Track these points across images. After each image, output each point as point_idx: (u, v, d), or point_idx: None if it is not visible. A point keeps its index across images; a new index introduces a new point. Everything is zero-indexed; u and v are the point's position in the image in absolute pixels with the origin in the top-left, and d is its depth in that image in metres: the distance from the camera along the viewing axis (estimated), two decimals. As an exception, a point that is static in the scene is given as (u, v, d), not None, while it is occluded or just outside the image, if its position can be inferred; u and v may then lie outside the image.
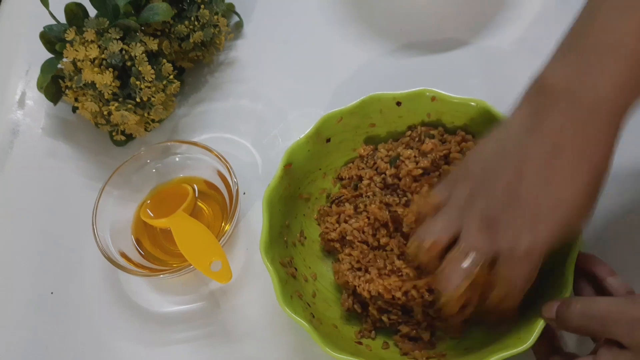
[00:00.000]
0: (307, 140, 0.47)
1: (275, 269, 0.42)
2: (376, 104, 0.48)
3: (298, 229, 0.49)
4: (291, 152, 0.47)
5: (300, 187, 0.49)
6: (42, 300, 0.52)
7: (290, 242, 0.47)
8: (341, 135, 0.49)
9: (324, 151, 0.49)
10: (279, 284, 0.42)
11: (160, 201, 0.54)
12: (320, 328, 0.41)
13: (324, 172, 0.51)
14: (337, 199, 0.50)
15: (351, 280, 0.44)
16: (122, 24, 0.53)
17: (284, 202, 0.47)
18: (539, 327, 0.37)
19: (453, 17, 0.61)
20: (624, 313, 0.33)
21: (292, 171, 0.47)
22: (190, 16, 0.57)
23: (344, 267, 0.45)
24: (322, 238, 0.49)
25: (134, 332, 0.50)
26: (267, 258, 0.43)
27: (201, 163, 0.54)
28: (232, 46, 0.64)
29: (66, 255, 0.54)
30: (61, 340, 0.50)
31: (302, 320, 0.40)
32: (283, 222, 0.47)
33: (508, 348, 0.37)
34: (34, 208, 0.57)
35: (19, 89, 0.65)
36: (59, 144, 0.60)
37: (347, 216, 0.48)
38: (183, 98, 0.61)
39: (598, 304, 0.35)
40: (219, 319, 0.49)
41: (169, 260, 0.51)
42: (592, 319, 0.34)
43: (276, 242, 0.45)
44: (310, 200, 0.50)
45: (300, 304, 0.43)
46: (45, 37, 0.55)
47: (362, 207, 0.47)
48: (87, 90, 0.53)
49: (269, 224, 0.44)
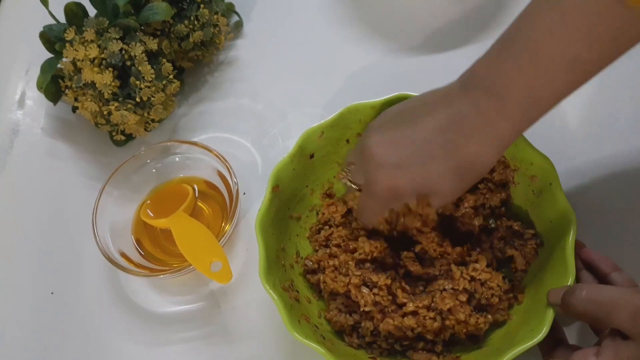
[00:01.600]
0: (291, 159, 0.47)
1: (279, 295, 0.42)
2: (354, 114, 0.48)
3: (293, 251, 0.48)
4: (277, 173, 0.46)
5: (289, 207, 0.49)
6: (42, 300, 0.52)
7: (288, 264, 0.47)
8: (324, 149, 0.49)
9: (309, 167, 0.49)
10: (285, 309, 0.41)
11: (160, 201, 0.54)
12: (333, 349, 0.41)
13: (311, 188, 0.50)
14: (326, 223, 0.50)
15: (348, 322, 0.44)
16: (122, 24, 0.53)
17: (276, 226, 0.46)
18: (549, 317, 0.38)
19: (453, 18, 0.61)
20: (629, 302, 0.34)
21: (280, 193, 0.46)
22: (190, 16, 0.57)
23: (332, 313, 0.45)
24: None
25: (134, 332, 0.50)
26: (268, 285, 0.42)
27: (201, 163, 0.54)
28: (232, 46, 0.64)
29: (66, 255, 0.54)
30: (61, 340, 0.50)
31: (314, 344, 0.39)
32: (278, 246, 0.46)
33: (523, 342, 0.38)
34: (33, 208, 0.57)
35: (19, 89, 0.64)
36: (58, 143, 0.60)
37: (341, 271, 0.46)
38: (183, 98, 0.61)
39: (604, 292, 0.36)
40: (219, 319, 0.49)
41: (169, 260, 0.51)
42: (598, 305, 0.35)
43: (274, 266, 0.44)
44: (301, 220, 0.50)
45: (309, 327, 0.42)
46: (45, 36, 0.55)
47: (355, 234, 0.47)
48: (86, 90, 0.53)
49: (265, 249, 0.43)
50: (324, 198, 0.51)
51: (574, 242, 0.40)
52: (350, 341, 0.44)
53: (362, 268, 0.45)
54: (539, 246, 0.45)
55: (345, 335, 0.45)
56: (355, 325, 0.45)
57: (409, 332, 0.43)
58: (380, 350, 0.44)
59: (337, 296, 0.46)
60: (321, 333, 0.43)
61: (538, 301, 0.41)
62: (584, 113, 0.54)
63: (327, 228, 0.49)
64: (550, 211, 0.43)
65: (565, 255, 0.40)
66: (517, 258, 0.45)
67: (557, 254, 0.41)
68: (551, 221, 0.44)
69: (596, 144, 0.52)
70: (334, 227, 0.49)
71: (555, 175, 0.43)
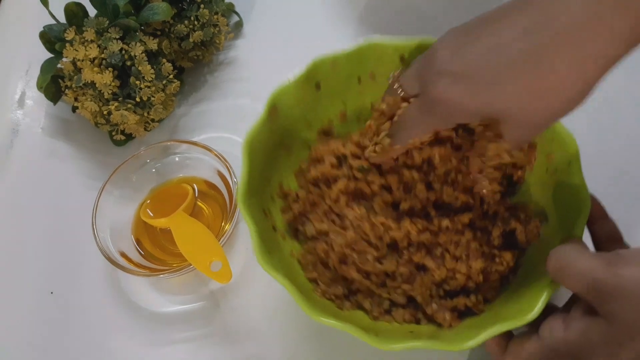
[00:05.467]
0: (295, 84, 0.42)
1: (254, 221, 0.38)
2: (373, 51, 0.43)
3: (277, 182, 0.44)
4: (277, 95, 0.42)
5: (283, 137, 0.44)
6: (42, 300, 0.52)
7: (268, 195, 0.43)
8: (332, 81, 0.44)
9: (312, 98, 0.44)
10: (257, 236, 0.37)
11: (160, 201, 0.54)
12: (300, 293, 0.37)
13: (309, 122, 0.45)
14: (318, 161, 0.44)
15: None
16: (122, 24, 0.53)
17: (264, 152, 0.42)
18: (542, 298, 0.34)
19: (453, 17, 0.61)
20: (587, 271, 0.30)
21: (276, 118, 0.42)
22: (190, 16, 0.57)
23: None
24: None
25: (134, 332, 0.50)
26: (245, 209, 0.38)
27: (201, 163, 0.54)
28: (232, 46, 0.64)
29: (66, 255, 0.54)
30: (61, 340, 0.50)
31: (280, 277, 0.36)
32: (263, 174, 0.42)
33: (507, 320, 0.34)
34: (33, 208, 0.57)
35: (19, 89, 0.64)
36: (58, 143, 0.60)
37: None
38: (183, 98, 0.61)
39: (567, 256, 0.32)
40: (219, 319, 0.49)
41: (169, 260, 0.51)
42: (564, 274, 0.32)
43: (256, 191, 0.40)
44: (293, 153, 0.45)
45: (280, 263, 0.39)
46: (45, 36, 0.55)
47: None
48: (86, 89, 0.53)
49: (249, 171, 0.39)
50: (321, 136, 0.46)
51: (583, 228, 0.36)
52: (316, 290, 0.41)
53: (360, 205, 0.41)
54: (542, 223, 0.41)
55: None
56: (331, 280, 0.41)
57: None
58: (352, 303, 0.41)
59: (316, 239, 0.41)
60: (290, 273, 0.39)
61: (531, 283, 0.37)
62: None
63: (317, 165, 0.45)
64: (563, 193, 0.39)
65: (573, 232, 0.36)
66: (520, 233, 0.41)
67: (562, 239, 0.37)
68: (562, 203, 0.39)
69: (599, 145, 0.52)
70: (330, 169, 0.43)
71: (577, 155, 0.39)
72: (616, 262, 0.29)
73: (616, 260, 0.29)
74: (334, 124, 0.47)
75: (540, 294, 0.35)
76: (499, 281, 0.42)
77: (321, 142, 0.46)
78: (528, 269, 0.41)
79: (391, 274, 0.41)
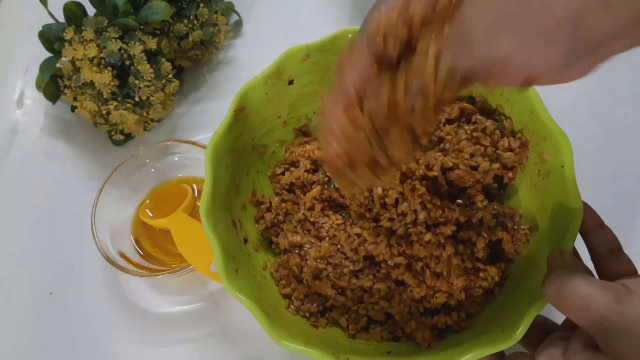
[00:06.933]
0: (265, 80, 0.39)
1: (218, 240, 0.35)
2: (349, 40, 0.39)
3: (249, 189, 0.42)
4: (244, 93, 0.39)
5: (254, 137, 0.41)
6: (41, 300, 0.52)
7: (240, 204, 0.40)
8: (307, 76, 0.41)
9: (285, 95, 0.41)
10: (222, 255, 0.35)
11: (159, 201, 0.54)
12: (270, 312, 0.35)
13: (284, 120, 0.42)
14: (293, 164, 0.42)
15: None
16: (121, 23, 0.53)
17: (234, 156, 0.39)
18: (526, 320, 0.32)
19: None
20: (597, 309, 0.28)
21: (244, 117, 0.39)
22: (190, 15, 0.57)
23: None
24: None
25: (134, 333, 0.50)
26: (209, 226, 0.35)
27: (200, 163, 0.54)
28: (231, 45, 0.64)
29: (65, 255, 0.54)
30: (60, 341, 0.50)
31: (245, 298, 0.34)
32: (232, 181, 0.39)
33: (487, 344, 0.32)
34: (32, 207, 0.57)
35: (18, 89, 0.64)
36: (57, 143, 0.60)
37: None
38: (182, 97, 0.61)
39: (575, 289, 0.30)
40: (218, 320, 0.49)
41: (168, 260, 0.51)
42: (567, 305, 0.30)
43: (222, 204, 0.38)
44: (266, 154, 0.43)
45: (248, 282, 0.37)
46: (44, 36, 0.55)
47: None
48: (85, 89, 0.53)
49: (213, 181, 0.36)
50: (297, 135, 0.44)
51: (575, 238, 0.34)
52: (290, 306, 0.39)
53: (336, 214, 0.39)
54: (532, 231, 0.39)
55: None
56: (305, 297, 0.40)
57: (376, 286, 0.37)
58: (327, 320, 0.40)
59: (289, 251, 0.39)
60: (259, 292, 0.37)
61: (517, 298, 0.35)
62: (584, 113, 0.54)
63: (292, 170, 0.42)
64: (555, 198, 0.37)
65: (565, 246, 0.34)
66: (506, 243, 0.39)
67: (552, 249, 0.35)
68: (552, 209, 0.37)
69: (599, 145, 0.52)
70: (305, 173, 0.41)
71: (570, 157, 0.36)
72: (624, 299, 0.28)
73: (624, 296, 0.28)
74: (312, 123, 0.45)
75: (525, 314, 0.33)
76: (483, 296, 0.40)
77: (298, 142, 0.43)
78: (516, 280, 0.39)
79: (368, 289, 0.40)
